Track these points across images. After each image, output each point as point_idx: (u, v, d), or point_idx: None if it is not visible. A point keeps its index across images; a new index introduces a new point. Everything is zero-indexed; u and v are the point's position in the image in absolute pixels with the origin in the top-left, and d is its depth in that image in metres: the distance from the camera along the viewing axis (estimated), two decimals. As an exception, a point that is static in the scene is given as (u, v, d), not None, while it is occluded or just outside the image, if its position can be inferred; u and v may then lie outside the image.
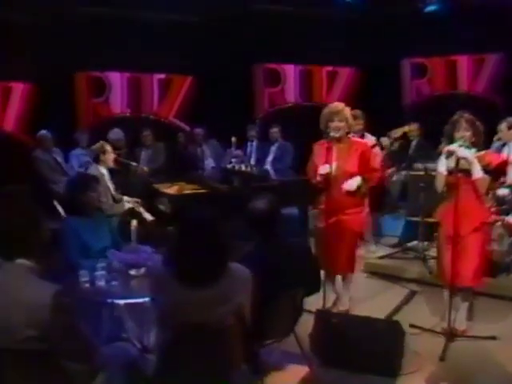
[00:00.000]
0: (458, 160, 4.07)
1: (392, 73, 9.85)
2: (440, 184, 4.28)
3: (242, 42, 8.75)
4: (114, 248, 3.97)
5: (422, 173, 6.32)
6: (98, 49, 8.01)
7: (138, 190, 6.42)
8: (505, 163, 4.53)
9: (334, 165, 4.46)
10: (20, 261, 2.23)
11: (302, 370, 3.38)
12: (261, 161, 8.42)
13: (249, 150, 8.59)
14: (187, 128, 8.90)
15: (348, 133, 4.58)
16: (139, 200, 5.80)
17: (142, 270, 3.21)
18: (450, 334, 4.24)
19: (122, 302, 2.85)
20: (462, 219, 4.08)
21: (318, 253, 4.61)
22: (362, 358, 3.70)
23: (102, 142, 5.88)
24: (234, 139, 8.03)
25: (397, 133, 6.76)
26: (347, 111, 4.55)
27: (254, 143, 8.60)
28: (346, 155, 4.50)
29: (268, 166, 8.32)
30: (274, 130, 8.38)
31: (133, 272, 3.21)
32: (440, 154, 7.52)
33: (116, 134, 7.69)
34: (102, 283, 3.13)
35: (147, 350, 2.77)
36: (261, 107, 9.52)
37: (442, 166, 4.22)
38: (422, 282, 5.68)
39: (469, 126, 4.20)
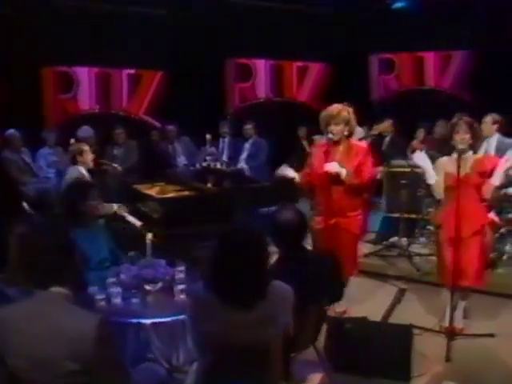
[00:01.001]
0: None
1: (361, 68, 9.93)
2: (439, 193, 4.31)
3: (213, 36, 8.55)
4: (112, 258, 3.80)
5: (407, 169, 6.37)
6: (65, 43, 7.66)
7: (116, 192, 6.19)
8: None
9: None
10: (55, 289, 2.06)
11: (318, 377, 3.32)
12: (234, 157, 8.29)
13: (221, 146, 8.43)
14: (158, 125, 8.67)
15: (349, 135, 4.50)
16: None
17: (159, 285, 3.04)
18: (451, 333, 4.28)
19: (148, 321, 2.69)
20: (463, 222, 4.11)
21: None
22: (375, 363, 3.67)
23: (77, 142, 5.64)
24: (208, 136, 7.85)
25: (379, 128, 6.76)
26: (346, 114, 4.43)
27: (226, 139, 8.45)
28: (345, 159, 4.44)
29: (242, 163, 8.21)
30: (248, 127, 8.26)
31: (148, 287, 3.04)
32: (413, 150, 7.67)
33: (85, 131, 7.41)
34: (118, 300, 2.94)
35: (176, 369, 2.63)
36: (232, 103, 9.38)
37: (430, 177, 4.27)
38: (409, 279, 5.72)
39: (468, 128, 4.22)
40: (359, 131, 6.97)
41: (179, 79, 8.49)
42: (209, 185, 6.87)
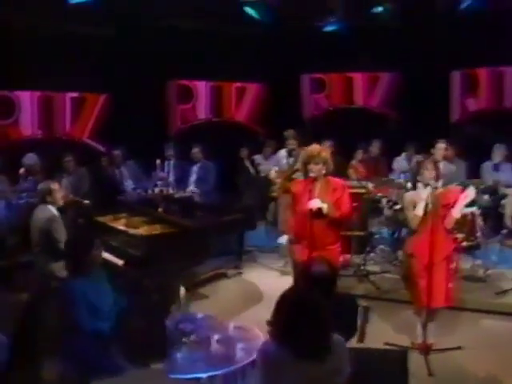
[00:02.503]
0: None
1: (295, 88, 10.34)
2: (415, 224, 4.72)
3: (155, 58, 8.58)
4: (116, 305, 3.83)
5: (362, 190, 6.77)
6: (5, 66, 7.37)
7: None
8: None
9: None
10: (155, 366, 2.16)
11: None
12: (181, 180, 8.34)
13: (166, 169, 8.44)
14: (102, 148, 8.55)
15: (326, 174, 4.81)
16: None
17: (193, 337, 3.14)
18: (426, 349, 4.70)
19: (205, 375, 2.79)
20: (435, 250, 4.54)
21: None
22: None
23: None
24: (158, 162, 7.90)
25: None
26: (325, 154, 4.77)
27: (172, 162, 8.48)
28: (324, 194, 4.74)
29: (192, 187, 8.30)
30: (196, 150, 8.34)
31: (184, 339, 3.13)
32: (358, 172, 8.14)
33: (31, 158, 7.25)
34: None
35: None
36: (174, 124, 9.42)
37: (420, 209, 4.66)
38: (369, 297, 6.01)
39: (434, 166, 4.72)
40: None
41: (123, 102, 8.43)
42: (160, 209, 6.97)
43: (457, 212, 4.69)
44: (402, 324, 5.30)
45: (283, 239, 5.52)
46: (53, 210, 5.29)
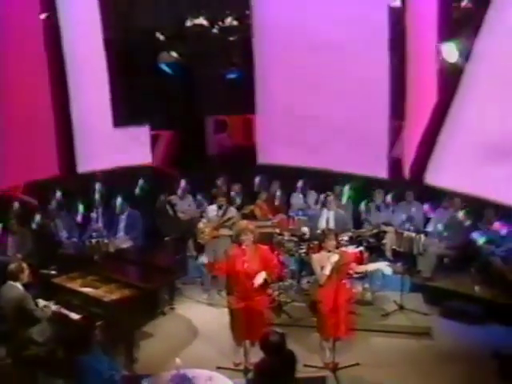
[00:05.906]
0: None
1: (201, 129, 11.62)
2: (323, 280, 6.24)
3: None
4: (110, 369, 4.95)
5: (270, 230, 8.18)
6: None
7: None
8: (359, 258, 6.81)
9: (246, 265, 6.13)
10: None
11: None
12: (110, 227, 9.20)
13: (95, 216, 9.26)
14: (35, 202, 9.27)
15: (255, 241, 6.25)
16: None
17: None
18: (335, 368, 6.32)
19: None
20: (339, 296, 6.18)
21: (235, 326, 6.35)
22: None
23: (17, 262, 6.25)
24: (94, 215, 8.88)
25: (247, 209, 8.55)
26: (250, 227, 6.26)
27: (100, 210, 9.39)
28: (253, 257, 6.15)
29: (121, 233, 9.31)
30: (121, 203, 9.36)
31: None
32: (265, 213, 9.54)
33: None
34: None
35: None
36: (98, 173, 10.22)
37: (328, 270, 6.19)
38: (284, 325, 7.03)
39: (335, 236, 6.38)
40: (232, 210, 8.75)
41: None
42: (96, 257, 8.00)
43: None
44: (312, 346, 6.67)
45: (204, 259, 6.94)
46: (20, 286, 5.93)
